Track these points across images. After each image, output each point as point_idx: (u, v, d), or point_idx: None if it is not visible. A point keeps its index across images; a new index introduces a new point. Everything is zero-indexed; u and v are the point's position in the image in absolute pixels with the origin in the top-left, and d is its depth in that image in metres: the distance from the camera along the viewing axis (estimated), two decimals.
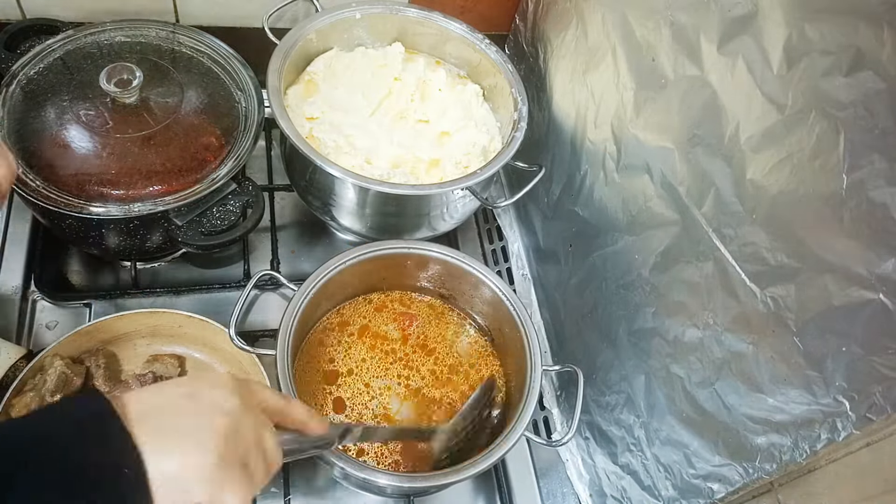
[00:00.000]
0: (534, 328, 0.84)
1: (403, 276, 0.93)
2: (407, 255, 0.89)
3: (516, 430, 0.76)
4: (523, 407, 0.78)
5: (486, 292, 0.89)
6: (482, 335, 0.94)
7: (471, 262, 0.89)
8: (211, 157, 0.86)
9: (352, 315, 0.93)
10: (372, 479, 0.71)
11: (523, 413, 0.78)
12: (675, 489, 0.75)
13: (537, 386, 0.80)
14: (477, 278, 0.88)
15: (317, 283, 0.83)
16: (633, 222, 0.80)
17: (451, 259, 0.89)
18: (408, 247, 0.89)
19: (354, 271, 0.87)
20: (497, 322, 0.90)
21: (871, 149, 0.49)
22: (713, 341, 0.67)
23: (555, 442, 0.78)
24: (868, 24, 0.48)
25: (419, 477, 0.73)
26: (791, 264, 0.57)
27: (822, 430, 0.55)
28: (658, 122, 0.74)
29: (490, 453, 0.74)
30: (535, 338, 0.83)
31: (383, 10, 1.04)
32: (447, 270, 0.90)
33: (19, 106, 0.84)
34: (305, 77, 1.01)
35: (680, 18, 0.69)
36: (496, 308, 0.88)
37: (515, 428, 0.76)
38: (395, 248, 0.88)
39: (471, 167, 0.95)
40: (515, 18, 1.14)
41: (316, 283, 0.83)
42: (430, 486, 0.74)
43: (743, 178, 0.61)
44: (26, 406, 0.76)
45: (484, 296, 0.90)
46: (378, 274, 0.92)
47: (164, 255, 1.01)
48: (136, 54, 0.92)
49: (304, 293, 0.82)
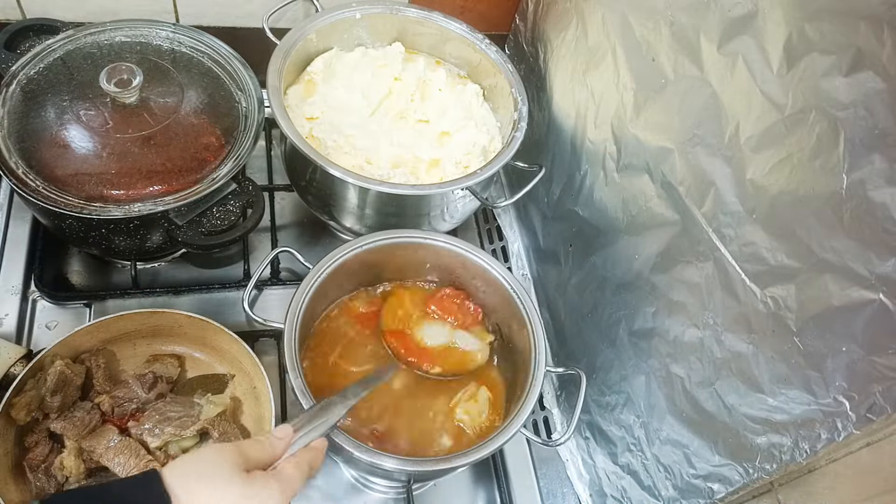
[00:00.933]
0: (540, 322, 0.83)
1: (412, 266, 0.92)
2: (419, 245, 0.88)
3: (515, 423, 0.75)
4: (525, 399, 0.77)
5: (495, 286, 0.88)
6: (488, 330, 0.93)
7: (482, 256, 0.88)
8: (211, 157, 0.86)
9: (358, 305, 0.92)
10: (378, 463, 0.70)
11: (524, 405, 0.77)
12: (675, 489, 0.75)
13: (540, 377, 0.79)
14: (487, 272, 0.87)
15: (325, 271, 0.82)
16: (633, 222, 0.80)
17: (464, 252, 0.88)
18: (422, 237, 0.88)
19: (361, 260, 0.86)
20: (505, 316, 0.89)
21: (871, 149, 0.49)
22: (713, 341, 0.67)
23: (553, 442, 0.77)
24: (868, 24, 0.48)
25: (423, 461, 0.73)
26: (791, 264, 0.57)
27: (823, 430, 0.55)
28: (658, 122, 0.74)
29: (491, 441, 0.74)
30: (541, 332, 0.82)
31: (383, 10, 1.04)
32: (458, 263, 0.90)
33: (19, 106, 0.84)
34: (305, 77, 1.01)
35: (680, 18, 0.69)
36: (505, 301, 0.87)
37: (514, 421, 0.76)
38: (407, 238, 0.88)
39: (471, 167, 0.95)
40: (515, 18, 1.14)
41: (324, 271, 0.82)
42: (431, 470, 0.74)
43: (743, 178, 0.61)
44: (26, 406, 0.76)
45: (493, 289, 0.89)
46: (386, 264, 0.91)
47: (164, 255, 1.01)
48: (136, 54, 0.92)
49: (310, 283, 0.81)
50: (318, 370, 0.86)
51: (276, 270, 1.03)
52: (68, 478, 0.76)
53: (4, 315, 0.90)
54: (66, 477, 0.76)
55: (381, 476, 0.86)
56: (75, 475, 0.76)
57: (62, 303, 0.94)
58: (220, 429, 0.80)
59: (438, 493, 0.92)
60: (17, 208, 0.98)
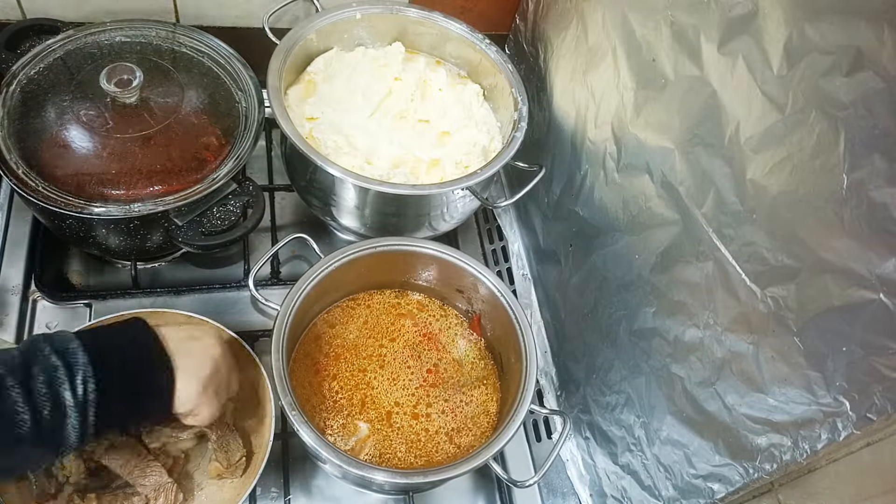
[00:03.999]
0: (531, 329, 0.84)
1: (402, 273, 0.93)
2: (408, 252, 0.89)
3: (510, 429, 0.76)
4: (517, 405, 0.78)
5: (484, 293, 0.89)
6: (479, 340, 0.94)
7: (470, 262, 0.88)
8: (211, 157, 0.86)
9: (347, 312, 0.93)
10: (369, 476, 0.71)
11: (517, 412, 0.77)
12: (675, 489, 0.75)
13: (531, 389, 0.79)
14: (476, 278, 0.88)
15: (314, 279, 0.83)
16: (633, 222, 0.80)
17: (451, 258, 0.89)
18: (410, 244, 0.89)
19: (351, 268, 0.87)
20: (494, 324, 0.90)
21: (871, 149, 0.49)
22: (713, 341, 0.67)
23: (520, 483, 0.76)
24: (868, 24, 0.48)
25: (414, 473, 0.73)
26: (791, 264, 0.57)
27: (823, 430, 0.55)
28: (658, 122, 0.74)
29: (485, 448, 0.75)
30: (532, 339, 0.83)
31: (383, 9, 1.04)
32: (446, 269, 0.90)
33: (19, 106, 0.84)
34: (305, 77, 1.01)
35: (680, 18, 0.69)
36: (494, 308, 0.88)
37: (508, 427, 0.76)
38: (396, 246, 0.88)
39: (471, 167, 0.95)
40: (515, 18, 1.14)
41: (313, 279, 0.83)
42: (425, 482, 0.74)
43: (743, 178, 0.61)
44: None
45: (483, 297, 0.90)
46: (376, 271, 0.92)
47: (164, 255, 1.01)
48: (136, 54, 0.92)
49: (301, 288, 0.82)
50: (302, 373, 0.87)
51: (276, 270, 1.03)
52: (69, 478, 0.76)
53: (4, 315, 0.90)
54: (67, 477, 0.76)
55: (376, 490, 0.87)
56: (75, 475, 0.76)
57: (62, 303, 0.94)
58: (218, 431, 0.80)
59: (439, 493, 0.92)
60: (17, 208, 0.98)
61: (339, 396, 0.86)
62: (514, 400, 0.80)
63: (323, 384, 0.86)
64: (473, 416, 0.87)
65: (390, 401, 0.87)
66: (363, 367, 0.89)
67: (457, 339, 0.94)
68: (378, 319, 0.93)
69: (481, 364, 0.92)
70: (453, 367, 0.91)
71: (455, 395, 0.88)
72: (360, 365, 0.89)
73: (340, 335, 0.91)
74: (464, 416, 0.87)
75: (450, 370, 0.90)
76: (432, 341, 0.93)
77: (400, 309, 0.95)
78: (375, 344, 0.91)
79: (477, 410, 0.88)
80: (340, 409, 0.85)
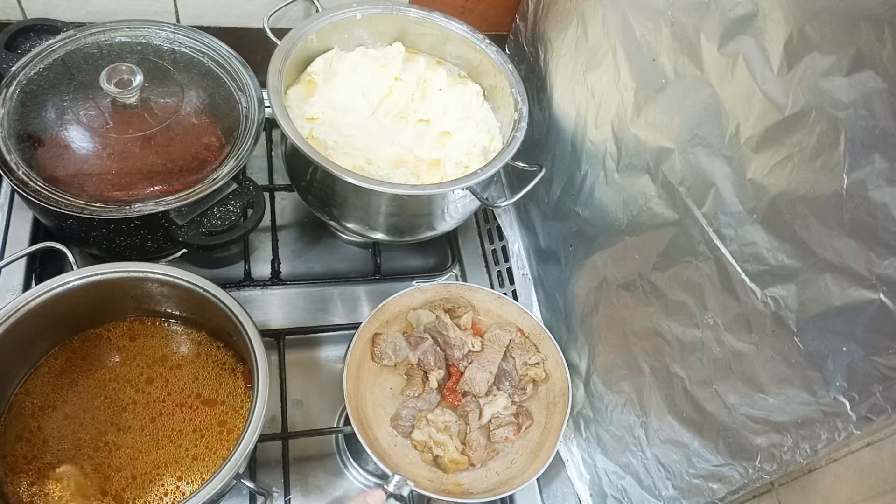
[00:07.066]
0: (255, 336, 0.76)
1: (132, 302, 0.83)
2: (125, 279, 0.79)
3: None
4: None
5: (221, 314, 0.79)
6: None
7: (199, 282, 0.79)
8: (211, 157, 0.86)
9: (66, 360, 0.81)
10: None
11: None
12: (675, 489, 0.75)
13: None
14: (208, 300, 0.79)
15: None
16: (633, 222, 0.80)
17: (179, 281, 0.80)
18: (123, 270, 0.78)
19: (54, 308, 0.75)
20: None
21: (871, 149, 0.49)
22: (713, 341, 0.67)
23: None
24: (868, 24, 0.48)
25: None
26: (791, 264, 0.57)
27: (823, 430, 0.55)
28: (658, 122, 0.74)
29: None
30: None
31: (384, 10, 1.04)
32: (179, 294, 0.81)
33: (19, 106, 0.84)
34: (306, 77, 1.01)
35: (680, 18, 0.69)
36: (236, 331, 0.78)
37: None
38: (108, 274, 0.77)
39: (471, 167, 0.95)
40: (516, 18, 1.14)
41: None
42: None
43: (743, 178, 0.61)
44: None
45: (222, 318, 0.79)
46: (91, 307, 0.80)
47: (164, 255, 1.00)
48: (136, 54, 0.92)
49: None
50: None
51: (276, 270, 1.03)
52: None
53: None
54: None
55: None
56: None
57: None
58: None
59: None
60: (17, 208, 0.97)
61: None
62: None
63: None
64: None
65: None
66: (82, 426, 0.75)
67: (207, 369, 0.81)
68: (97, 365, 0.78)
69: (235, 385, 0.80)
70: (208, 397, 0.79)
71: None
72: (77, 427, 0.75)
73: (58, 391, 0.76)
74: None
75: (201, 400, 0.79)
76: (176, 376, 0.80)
77: (134, 346, 0.82)
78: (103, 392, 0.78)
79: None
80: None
